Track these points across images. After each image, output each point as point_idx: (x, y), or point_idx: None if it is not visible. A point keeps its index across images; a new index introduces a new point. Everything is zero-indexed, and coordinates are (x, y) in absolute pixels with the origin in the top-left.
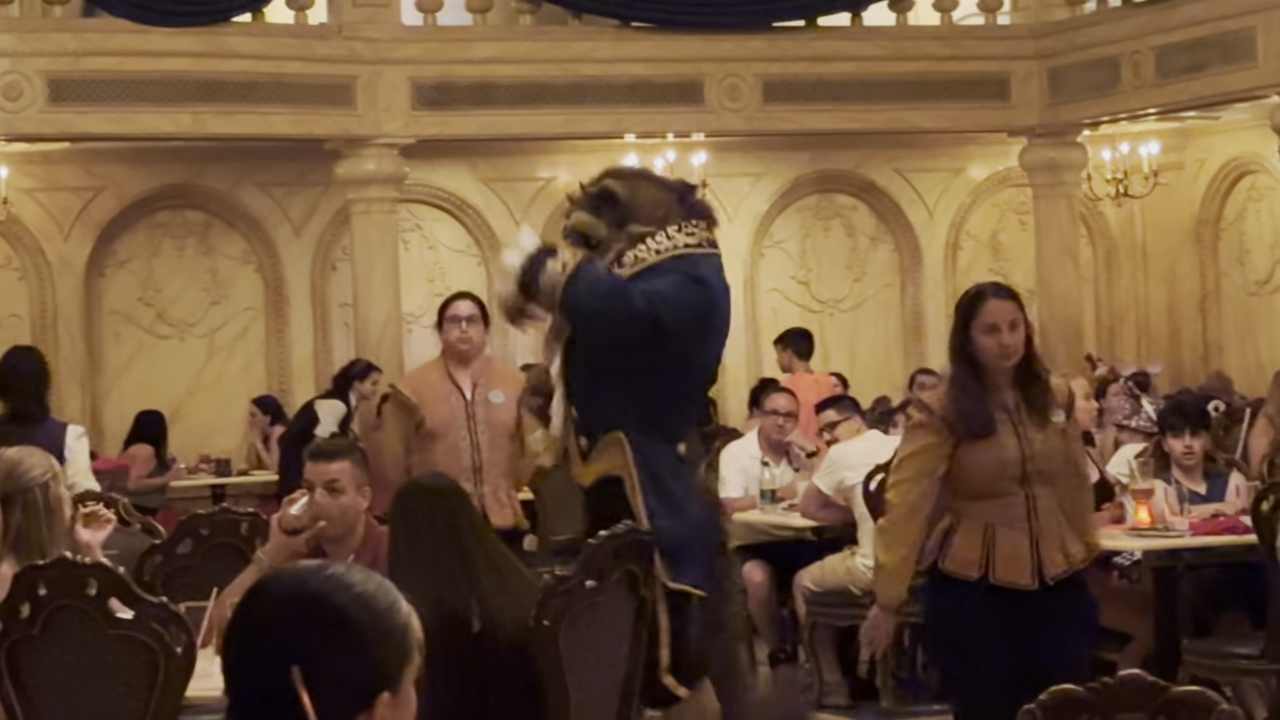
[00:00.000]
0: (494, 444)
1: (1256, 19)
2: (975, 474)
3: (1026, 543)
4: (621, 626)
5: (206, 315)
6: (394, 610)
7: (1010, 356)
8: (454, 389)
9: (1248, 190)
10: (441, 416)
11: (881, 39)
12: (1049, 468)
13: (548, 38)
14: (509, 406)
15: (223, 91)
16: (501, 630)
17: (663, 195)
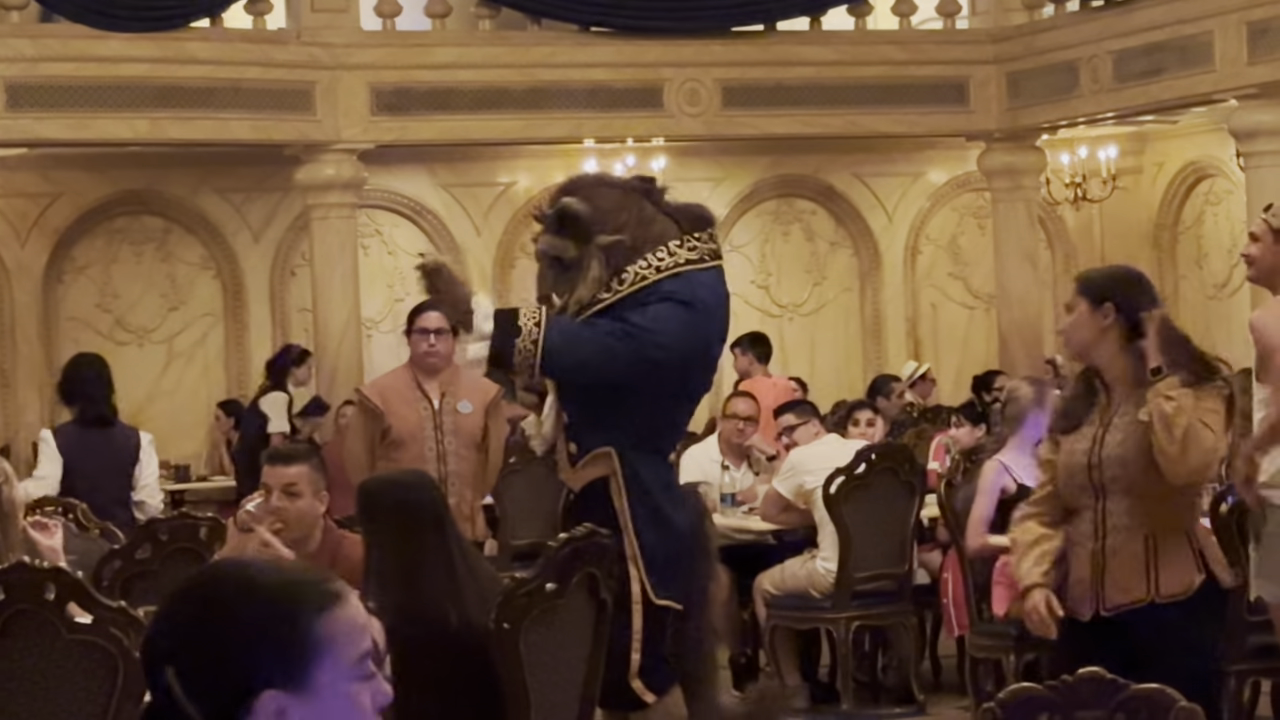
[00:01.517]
0: (460, 454)
1: (1214, 23)
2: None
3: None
4: (582, 630)
5: (165, 321)
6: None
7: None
8: (421, 396)
9: (1205, 194)
10: (408, 424)
11: (840, 43)
12: (1123, 474)
13: (507, 43)
14: (476, 417)
15: (181, 97)
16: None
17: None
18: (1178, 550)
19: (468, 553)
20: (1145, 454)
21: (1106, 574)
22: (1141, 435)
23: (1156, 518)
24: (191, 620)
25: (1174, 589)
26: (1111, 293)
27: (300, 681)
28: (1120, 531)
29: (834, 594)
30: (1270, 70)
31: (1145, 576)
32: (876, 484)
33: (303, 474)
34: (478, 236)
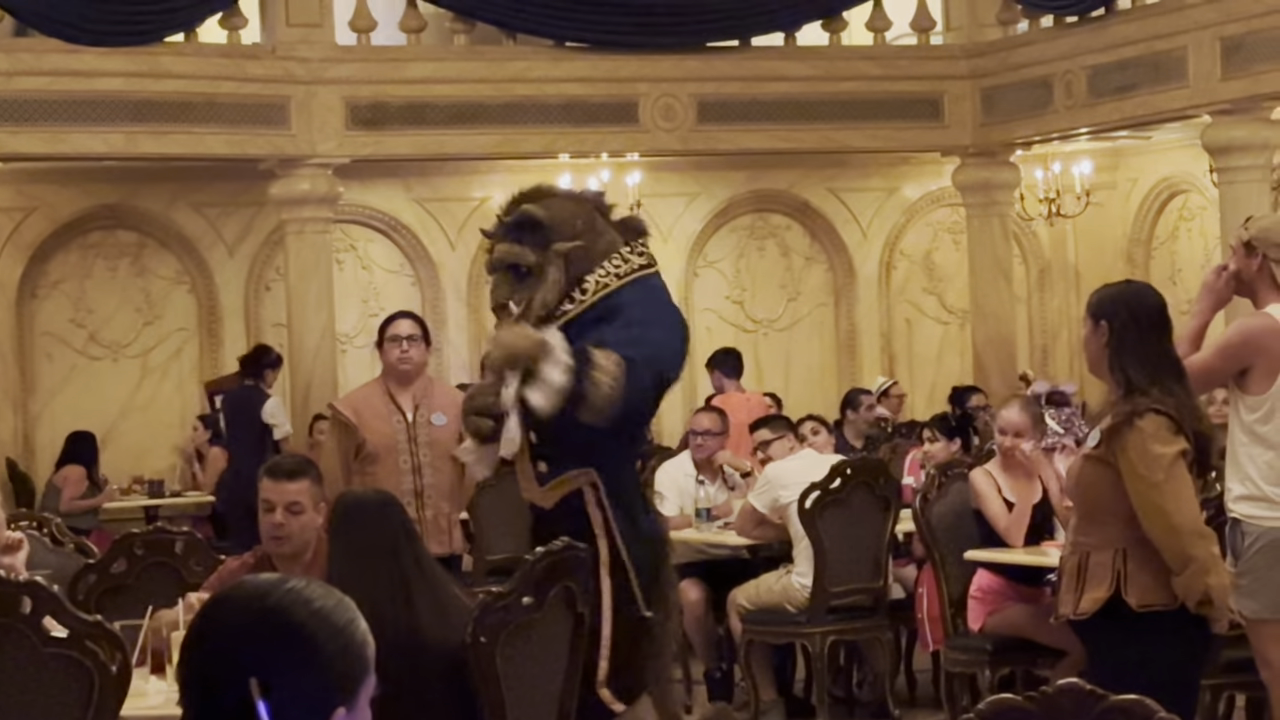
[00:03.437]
0: (436, 466)
1: (1187, 39)
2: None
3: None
4: (558, 643)
5: (140, 336)
6: (352, 626)
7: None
8: (395, 409)
9: (1179, 210)
10: (382, 437)
11: (815, 59)
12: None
13: (482, 58)
14: (451, 428)
15: (156, 111)
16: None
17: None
18: (1100, 569)
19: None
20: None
21: (1059, 587)
22: (1082, 462)
23: (1093, 537)
24: (285, 631)
25: (1085, 607)
26: (1105, 311)
27: (354, 700)
28: (1069, 547)
29: (809, 608)
30: (1244, 86)
31: (1074, 593)
32: (852, 499)
33: (304, 489)
34: (452, 251)
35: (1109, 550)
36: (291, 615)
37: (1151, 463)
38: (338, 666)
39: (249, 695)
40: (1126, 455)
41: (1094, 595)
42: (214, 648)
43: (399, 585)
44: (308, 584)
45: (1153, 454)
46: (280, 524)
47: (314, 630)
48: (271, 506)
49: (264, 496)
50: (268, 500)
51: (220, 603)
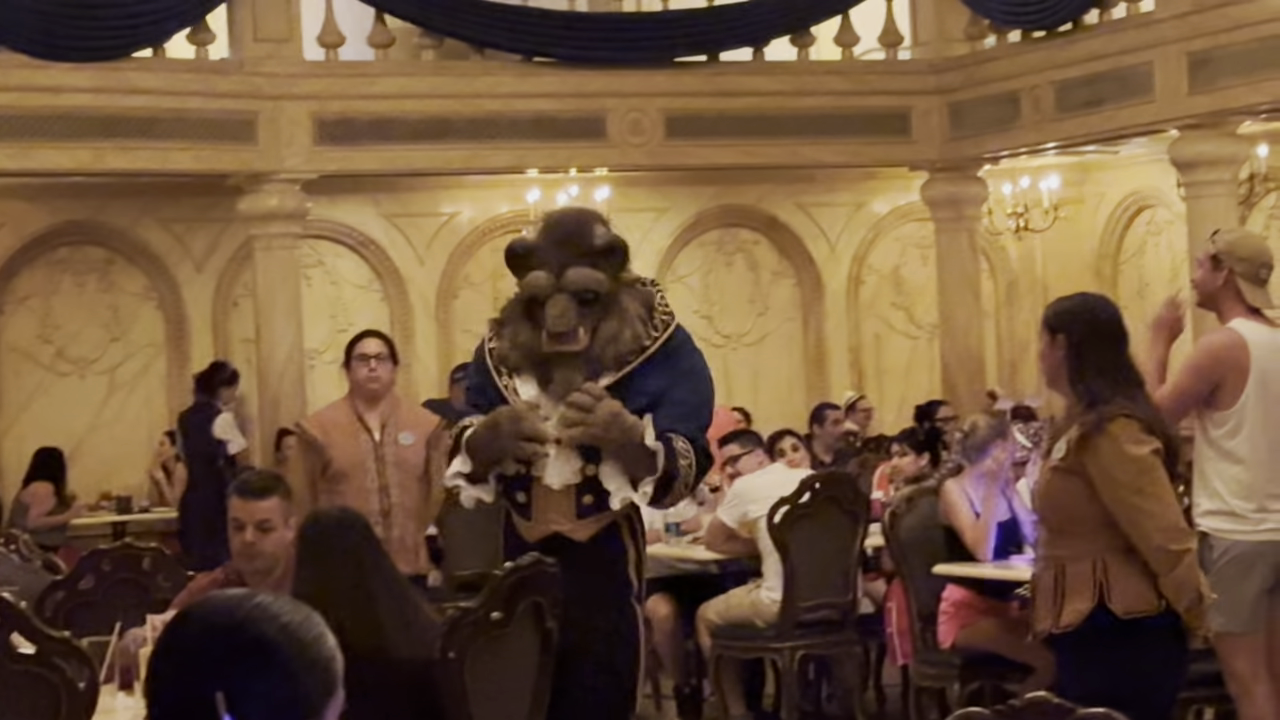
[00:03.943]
0: (403, 486)
1: (1154, 54)
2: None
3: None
4: (527, 659)
5: (107, 352)
6: (320, 641)
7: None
8: (362, 429)
9: (1146, 224)
10: (349, 456)
11: (783, 74)
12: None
13: (450, 73)
14: (418, 448)
15: (123, 127)
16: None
17: None
18: (1080, 581)
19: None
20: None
21: (1034, 603)
22: (1049, 474)
23: (1067, 549)
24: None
25: (1069, 619)
26: (1063, 324)
27: (322, 716)
28: (1041, 562)
29: (778, 623)
30: (1211, 101)
31: (1052, 607)
32: (821, 513)
33: (274, 507)
34: (421, 267)
35: (1086, 561)
36: (259, 630)
37: (1128, 465)
38: (305, 681)
39: (216, 710)
40: (1099, 463)
41: (1076, 607)
42: (181, 662)
43: (363, 601)
44: (276, 599)
45: (1129, 456)
46: (251, 542)
47: (281, 645)
48: (241, 525)
49: (233, 515)
50: (237, 519)
51: (188, 617)
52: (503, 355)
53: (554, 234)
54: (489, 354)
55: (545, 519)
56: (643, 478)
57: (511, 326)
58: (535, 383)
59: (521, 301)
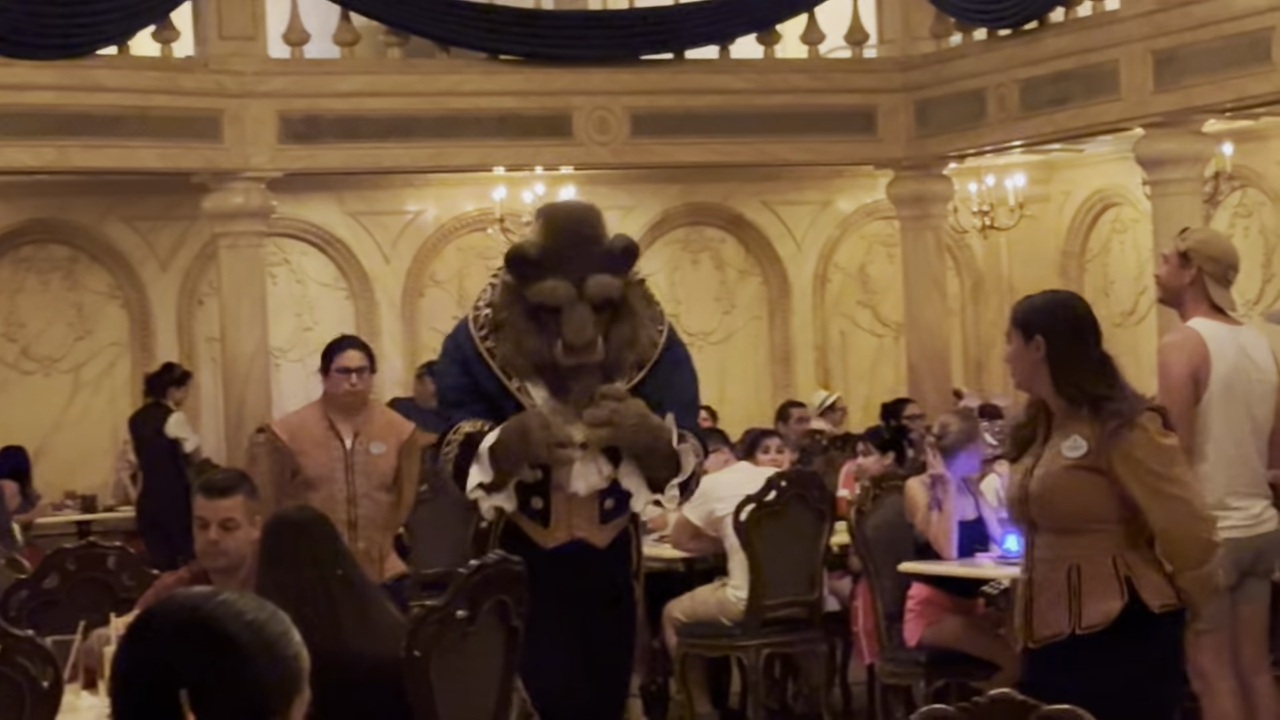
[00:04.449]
0: (371, 496)
1: (1119, 52)
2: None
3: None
4: (492, 657)
5: (72, 351)
6: (284, 639)
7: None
8: (334, 437)
9: (1112, 222)
10: (319, 465)
11: (749, 72)
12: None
13: (416, 71)
14: (389, 457)
15: (87, 125)
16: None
17: None
18: (1101, 579)
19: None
20: (1067, 493)
21: (1034, 607)
22: (1063, 473)
23: (1080, 548)
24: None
25: (1094, 619)
26: (1043, 325)
27: (287, 714)
28: (1046, 564)
29: (744, 621)
30: (1176, 99)
31: (1068, 609)
32: (787, 511)
33: (238, 505)
34: (386, 265)
35: (1104, 559)
36: (224, 627)
37: (1163, 455)
38: (270, 679)
39: (180, 708)
40: (1134, 455)
41: (1104, 607)
42: (145, 659)
43: (324, 600)
44: (241, 597)
45: (1162, 446)
46: (215, 541)
47: (246, 642)
48: (206, 524)
49: (198, 514)
50: (201, 518)
51: (152, 615)
52: (507, 359)
53: (566, 238)
54: (488, 354)
55: (567, 525)
56: (662, 479)
57: (513, 330)
58: (545, 389)
59: (526, 304)
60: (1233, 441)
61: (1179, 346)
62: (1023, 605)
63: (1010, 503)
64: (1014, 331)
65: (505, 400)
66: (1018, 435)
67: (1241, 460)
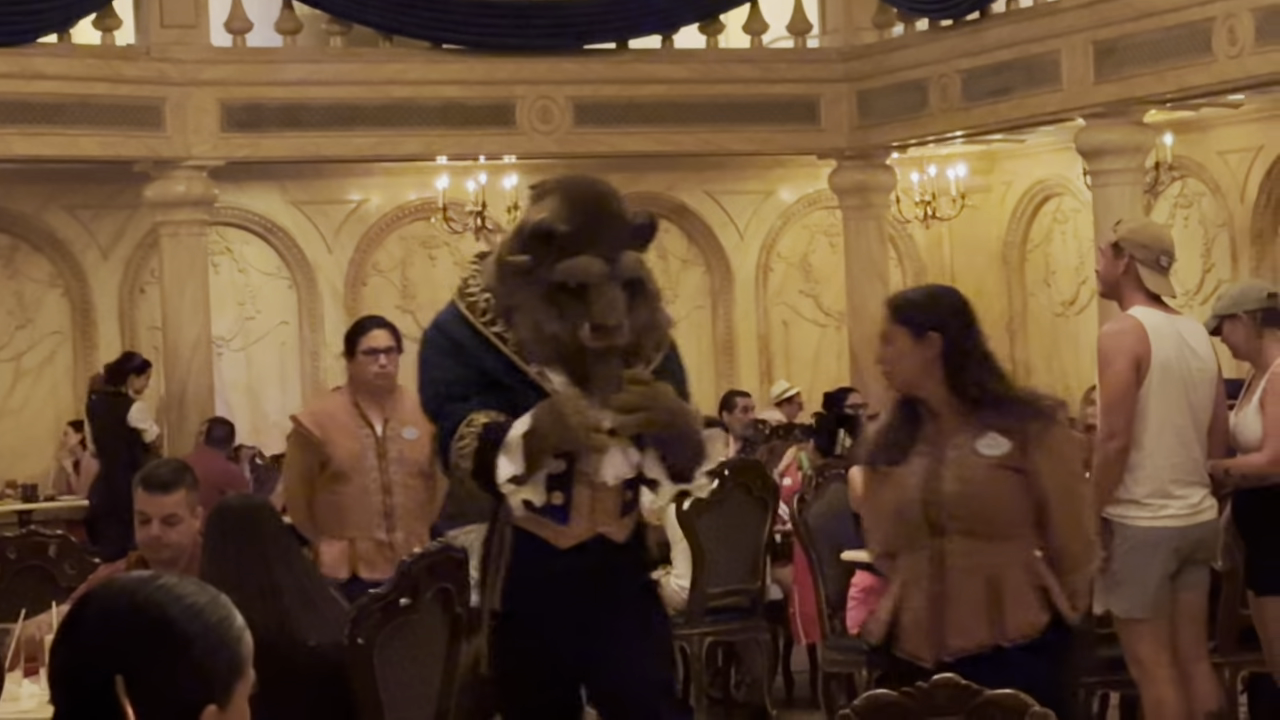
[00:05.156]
0: (406, 484)
1: (1060, 43)
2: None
3: (927, 609)
4: (435, 643)
5: (12, 339)
6: (225, 623)
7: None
8: (363, 424)
9: (1053, 212)
10: (350, 455)
11: (692, 62)
12: (965, 513)
13: (359, 60)
14: (422, 442)
15: (28, 113)
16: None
17: None
18: (1021, 589)
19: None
20: (988, 495)
21: (946, 618)
22: (985, 473)
23: (999, 555)
24: (149, 629)
25: (1021, 631)
26: (933, 321)
27: (228, 696)
28: (960, 572)
29: (687, 610)
30: (1117, 89)
31: (988, 619)
32: (729, 500)
33: (180, 500)
34: (329, 254)
35: (1018, 567)
36: (162, 611)
37: (1078, 452)
38: (209, 663)
39: (115, 692)
40: (1056, 453)
41: (1030, 618)
42: (82, 644)
43: (268, 586)
44: (181, 581)
45: (1079, 443)
46: (158, 536)
47: (185, 625)
48: (148, 519)
49: (139, 508)
50: (143, 512)
51: (90, 599)
52: (523, 345)
53: (595, 214)
54: (498, 339)
55: (589, 519)
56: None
57: (529, 314)
58: (564, 375)
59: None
60: (1173, 430)
61: (1119, 334)
62: (927, 617)
63: (902, 508)
64: (898, 330)
65: (522, 387)
66: (890, 439)
67: (1182, 449)
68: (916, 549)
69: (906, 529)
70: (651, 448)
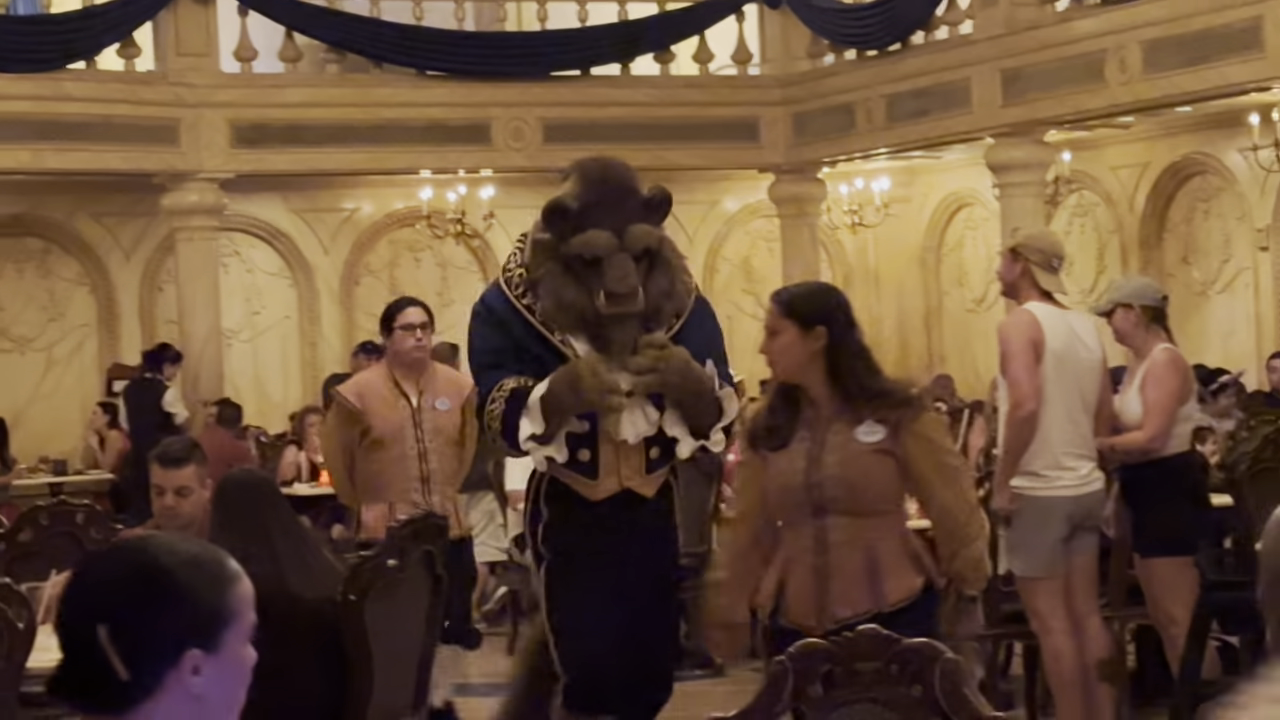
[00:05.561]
0: (441, 452)
1: (972, 71)
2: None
3: (811, 581)
4: (419, 601)
5: (45, 332)
6: (212, 572)
7: (777, 368)
8: (400, 396)
9: (965, 221)
10: (388, 424)
11: (647, 87)
12: (845, 495)
13: (352, 84)
14: (454, 413)
15: (59, 131)
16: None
17: None
18: (897, 559)
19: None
20: (866, 477)
21: (830, 589)
22: (863, 458)
23: (876, 530)
24: (127, 583)
25: (899, 596)
26: (823, 315)
27: (215, 643)
28: (841, 547)
29: None
30: (1021, 112)
31: (869, 588)
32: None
33: (190, 473)
34: (326, 255)
35: (894, 539)
36: (148, 559)
37: (947, 435)
38: (190, 608)
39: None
40: (926, 438)
41: (906, 584)
42: (72, 598)
43: (268, 549)
44: (175, 536)
45: (945, 426)
46: (171, 506)
47: (168, 573)
48: (162, 491)
49: (155, 481)
50: (159, 485)
51: (93, 554)
52: (548, 314)
53: (604, 190)
54: (527, 311)
55: (616, 475)
56: (705, 425)
57: (551, 284)
58: (587, 341)
59: (562, 260)
60: (1064, 410)
61: (1017, 325)
62: (812, 589)
63: (787, 490)
64: (786, 322)
65: (549, 354)
66: (771, 424)
67: (1073, 427)
68: (800, 527)
69: (790, 509)
70: (672, 408)
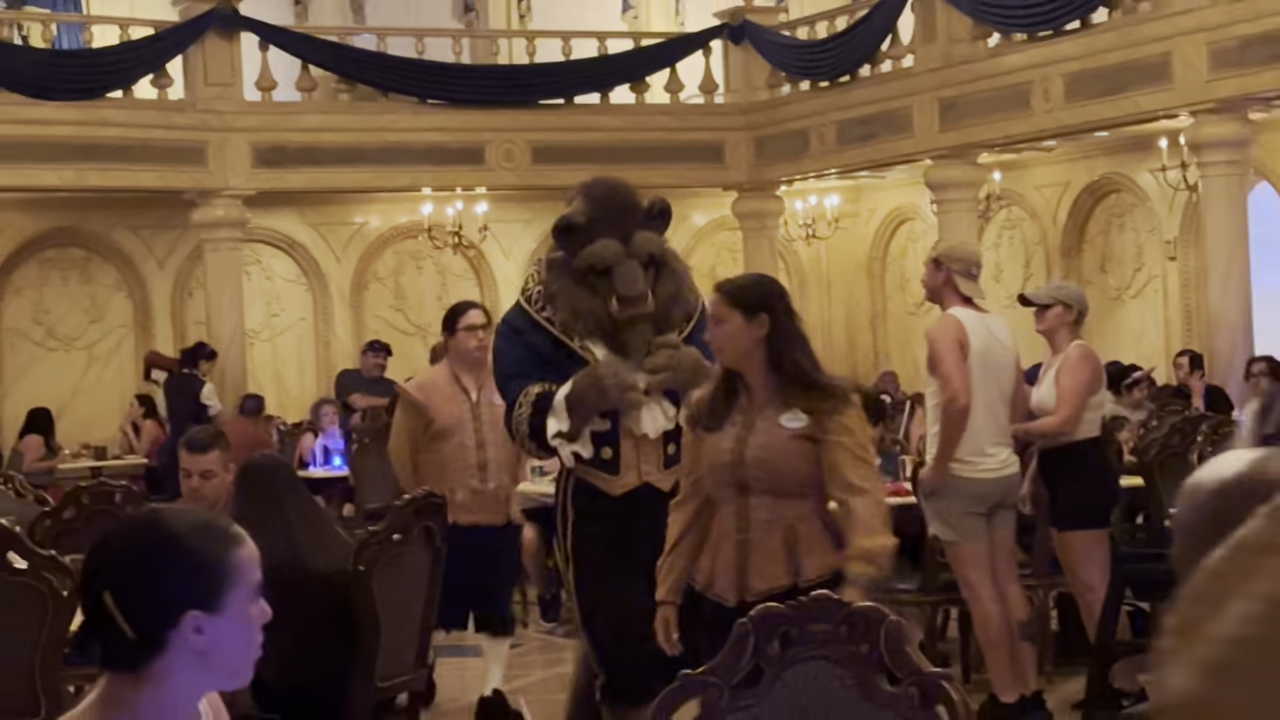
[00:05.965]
0: (498, 443)
1: (913, 100)
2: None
3: (734, 556)
4: (421, 571)
5: (86, 332)
6: (216, 537)
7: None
8: (460, 391)
9: (907, 234)
10: (449, 417)
11: (624, 114)
12: (766, 475)
13: (361, 111)
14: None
15: (99, 152)
16: (315, 578)
17: None
18: (816, 537)
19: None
20: (788, 459)
21: (750, 564)
22: (785, 442)
23: (795, 509)
24: (129, 552)
25: (816, 572)
26: (765, 304)
27: (216, 604)
28: (761, 525)
29: None
30: (957, 136)
31: (786, 564)
32: None
33: (215, 459)
34: (337, 264)
35: (814, 520)
36: (158, 527)
37: (867, 428)
38: (190, 571)
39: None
40: (849, 427)
41: (824, 561)
42: (92, 559)
43: (284, 525)
44: (190, 509)
45: (866, 421)
46: (197, 488)
47: (173, 537)
48: (189, 474)
49: (183, 466)
50: (186, 469)
51: (111, 525)
52: (566, 323)
53: (609, 205)
54: (547, 323)
55: (636, 470)
56: None
57: (567, 296)
58: (604, 347)
59: (576, 272)
60: (985, 404)
61: (943, 328)
62: (733, 563)
63: (717, 468)
64: (731, 310)
65: (570, 362)
66: (711, 407)
67: (992, 418)
68: (726, 504)
69: (719, 487)
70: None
